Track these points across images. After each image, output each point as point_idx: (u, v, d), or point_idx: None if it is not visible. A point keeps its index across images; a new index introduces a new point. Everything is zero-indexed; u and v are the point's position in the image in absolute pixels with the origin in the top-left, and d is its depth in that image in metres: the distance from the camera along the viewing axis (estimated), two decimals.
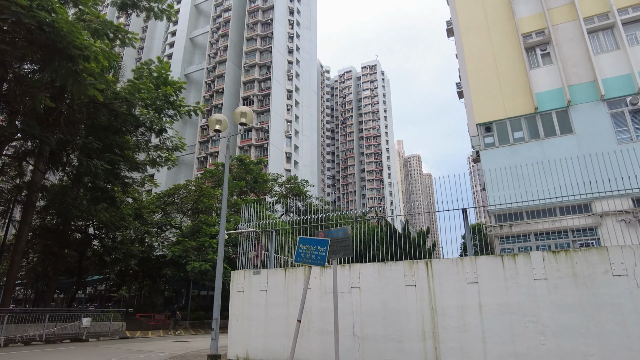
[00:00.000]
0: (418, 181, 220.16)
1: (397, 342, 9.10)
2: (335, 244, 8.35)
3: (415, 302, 9.17)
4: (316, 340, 9.93)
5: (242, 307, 11.20)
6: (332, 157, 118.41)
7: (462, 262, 9.01)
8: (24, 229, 20.59)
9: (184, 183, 34.64)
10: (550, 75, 16.10)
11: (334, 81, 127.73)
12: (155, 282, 35.04)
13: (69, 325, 19.61)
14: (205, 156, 61.97)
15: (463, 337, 8.54)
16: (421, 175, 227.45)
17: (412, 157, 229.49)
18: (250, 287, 11.26)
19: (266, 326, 10.67)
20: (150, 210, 28.82)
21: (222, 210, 11.06)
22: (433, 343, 8.76)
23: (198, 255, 25.58)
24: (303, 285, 8.18)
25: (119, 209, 22.69)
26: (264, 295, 10.97)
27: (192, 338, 21.24)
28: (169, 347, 16.09)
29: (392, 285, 9.48)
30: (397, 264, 9.63)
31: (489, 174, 15.70)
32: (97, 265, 29.02)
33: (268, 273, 11.13)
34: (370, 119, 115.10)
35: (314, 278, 10.47)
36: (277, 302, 10.71)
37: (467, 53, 18.21)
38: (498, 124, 16.63)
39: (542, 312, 8.05)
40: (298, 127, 66.35)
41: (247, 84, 63.59)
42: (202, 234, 26.72)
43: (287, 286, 10.73)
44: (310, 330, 10.12)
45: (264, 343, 10.56)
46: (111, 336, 21.10)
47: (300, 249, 8.52)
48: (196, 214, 34.04)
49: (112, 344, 17.92)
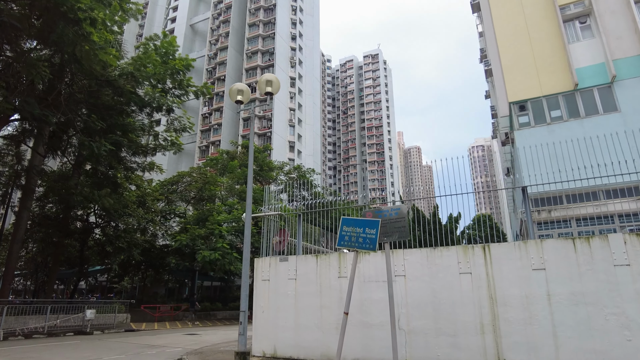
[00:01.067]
0: (418, 173, 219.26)
1: (450, 337, 8.06)
2: (388, 225, 7.25)
3: (471, 291, 8.11)
4: (356, 334, 8.87)
5: (267, 298, 10.12)
6: (333, 147, 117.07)
7: (526, 247, 7.94)
8: (23, 215, 19.42)
9: (188, 170, 33.45)
10: (591, 49, 14.93)
11: (335, 70, 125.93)
12: (158, 272, 33.98)
13: (72, 317, 18.55)
14: (207, 145, 60.66)
15: (529, 331, 7.50)
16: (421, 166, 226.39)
17: (412, 149, 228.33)
18: (277, 275, 10.18)
19: (296, 318, 9.61)
20: (154, 198, 27.64)
21: (247, 189, 9.94)
22: (493, 337, 7.72)
23: (206, 244, 24.49)
24: (350, 273, 7.10)
25: (122, 196, 21.51)
26: (293, 284, 9.89)
27: (202, 331, 20.23)
28: (180, 340, 15.06)
29: (444, 273, 8.42)
30: (448, 249, 8.56)
31: (524, 153, 14.60)
32: (99, 255, 27.92)
33: (297, 260, 10.04)
34: (372, 108, 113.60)
35: (350, 265, 9.38)
36: (308, 292, 9.64)
37: (498, 28, 16.99)
38: (533, 102, 15.49)
39: (626, 304, 7.00)
40: (301, 115, 65.00)
41: (250, 71, 62.06)
42: (210, 221, 25.61)
43: (319, 274, 9.65)
44: (348, 324, 9.04)
45: (293, 337, 9.51)
46: (116, 329, 20.07)
47: (344, 231, 7.42)
48: (200, 202, 32.93)
49: (119, 337, 16.88)
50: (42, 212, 24.77)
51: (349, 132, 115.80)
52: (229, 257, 23.84)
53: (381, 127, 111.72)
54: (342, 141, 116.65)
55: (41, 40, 13.77)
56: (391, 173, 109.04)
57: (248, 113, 60.57)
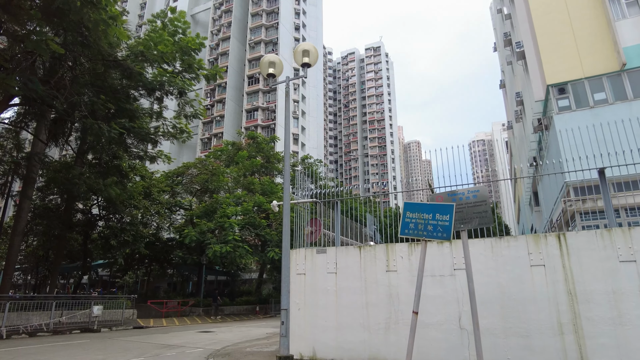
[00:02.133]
0: (418, 167, 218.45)
1: (522, 337, 7.09)
2: (464, 209, 6.24)
3: (545, 285, 7.13)
4: (407, 333, 7.90)
5: (304, 294, 9.11)
6: (334, 141, 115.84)
7: (611, 235, 6.96)
8: (24, 206, 18.32)
9: (194, 162, 32.32)
10: (639, 27, 13.88)
11: (336, 63, 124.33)
12: (162, 266, 32.94)
13: (79, 313, 17.53)
14: (209, 137, 59.45)
15: (619, 332, 6.53)
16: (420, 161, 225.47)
17: (411, 143, 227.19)
18: (314, 269, 9.17)
19: (338, 317, 8.61)
20: (160, 190, 26.52)
21: (284, 173, 8.89)
22: (575, 338, 6.75)
23: (216, 238, 23.45)
24: (419, 264, 6.08)
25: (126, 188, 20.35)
26: (333, 279, 8.89)
27: (215, 328, 19.25)
28: (196, 339, 14.06)
29: (511, 266, 7.43)
30: (516, 239, 7.57)
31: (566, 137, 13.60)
32: (102, 248, 26.85)
33: (337, 252, 9.02)
34: (374, 102, 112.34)
35: (400, 258, 8.39)
36: (351, 288, 8.64)
37: (533, 6, 15.92)
38: (574, 84, 14.46)
39: None
40: (305, 107, 63.79)
41: (253, 62, 60.72)
42: (219, 214, 24.55)
43: (363, 268, 8.64)
44: (400, 323, 8.09)
45: (335, 338, 8.52)
46: (124, 326, 19.06)
47: (408, 217, 6.40)
48: (205, 194, 31.86)
49: (129, 335, 15.87)
50: (43, 204, 23.66)
51: (350, 126, 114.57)
52: (240, 251, 22.82)
53: (383, 120, 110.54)
54: (343, 135, 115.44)
55: (44, 14, 12.57)
56: (393, 167, 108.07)
57: (251, 105, 59.38)
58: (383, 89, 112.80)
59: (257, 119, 57.30)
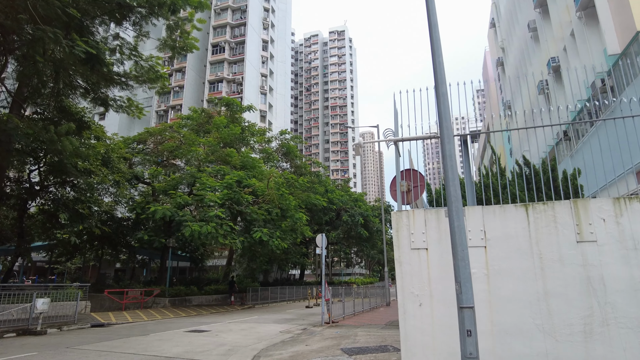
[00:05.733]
0: (370, 158, 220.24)
1: None
2: None
3: None
4: (630, 341, 4.84)
5: (428, 279, 5.74)
6: (295, 125, 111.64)
7: None
8: None
9: (158, 128, 27.37)
10: None
11: (299, 45, 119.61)
12: (115, 250, 27.79)
13: (14, 309, 12.83)
14: (165, 109, 53.38)
15: None
16: (373, 152, 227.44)
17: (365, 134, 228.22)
18: (441, 240, 5.81)
19: (493, 315, 5.37)
20: (120, 156, 21.56)
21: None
22: None
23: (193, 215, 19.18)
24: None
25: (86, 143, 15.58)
26: (481, 256, 5.60)
27: (203, 324, 15.27)
28: (195, 345, 10.21)
29: None
30: None
31: None
32: (42, 227, 21.54)
33: (484, 213, 5.73)
34: (337, 87, 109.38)
35: (601, 221, 5.27)
36: (515, 269, 5.41)
37: None
38: None
39: None
40: (272, 83, 59.29)
41: (218, 29, 55.10)
42: (197, 187, 20.22)
43: (535, 238, 5.43)
44: (611, 324, 4.99)
45: (491, 349, 5.26)
46: (78, 324, 14.54)
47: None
48: (173, 166, 27.18)
49: (91, 339, 11.59)
50: None
51: (311, 111, 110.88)
52: (224, 228, 18.78)
53: (345, 106, 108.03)
54: (304, 119, 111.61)
55: None
56: (354, 155, 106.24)
57: (215, 76, 53.98)
58: (346, 75, 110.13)
59: (221, 91, 52.08)
